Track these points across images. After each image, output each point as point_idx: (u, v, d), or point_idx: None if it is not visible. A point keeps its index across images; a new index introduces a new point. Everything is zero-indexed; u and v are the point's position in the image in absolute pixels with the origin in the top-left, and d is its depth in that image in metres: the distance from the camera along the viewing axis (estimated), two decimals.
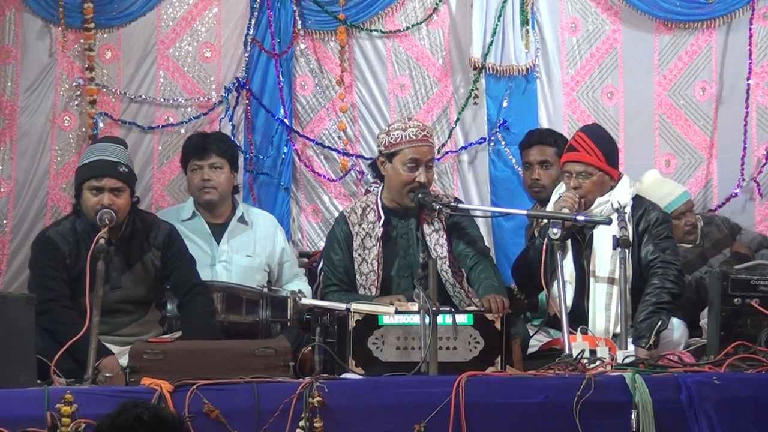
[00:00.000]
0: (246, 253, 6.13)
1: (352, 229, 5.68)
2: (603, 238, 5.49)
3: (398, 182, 5.60)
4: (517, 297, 6.16)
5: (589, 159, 5.62)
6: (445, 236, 5.62)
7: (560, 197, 5.60)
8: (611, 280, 5.50)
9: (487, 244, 6.00)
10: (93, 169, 5.21)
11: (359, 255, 5.64)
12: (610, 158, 5.68)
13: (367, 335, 4.96)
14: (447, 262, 5.58)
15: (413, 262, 5.53)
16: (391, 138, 5.61)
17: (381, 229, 5.64)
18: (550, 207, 5.74)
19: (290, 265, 6.27)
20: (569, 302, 5.53)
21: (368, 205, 5.71)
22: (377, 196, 5.73)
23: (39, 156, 6.80)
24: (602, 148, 5.65)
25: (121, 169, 5.21)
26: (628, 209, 5.61)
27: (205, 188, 6.11)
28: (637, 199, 5.70)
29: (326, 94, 7.14)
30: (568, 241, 5.63)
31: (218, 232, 6.15)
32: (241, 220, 6.18)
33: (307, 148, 7.15)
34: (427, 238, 5.61)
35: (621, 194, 5.62)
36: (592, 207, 5.59)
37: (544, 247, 5.33)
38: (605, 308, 5.53)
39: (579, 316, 5.51)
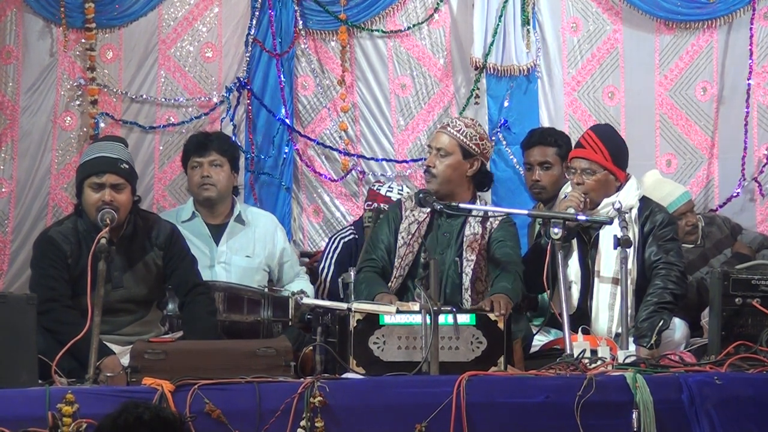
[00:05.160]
0: (245, 253, 6.12)
1: (404, 213, 5.73)
2: (608, 239, 5.48)
3: None
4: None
5: (595, 157, 5.63)
6: (480, 242, 5.61)
7: (566, 196, 5.61)
8: (615, 281, 5.50)
9: None
10: (94, 166, 5.22)
11: (402, 237, 5.67)
12: (617, 159, 5.68)
13: (368, 335, 4.96)
14: (471, 266, 5.57)
15: (444, 260, 5.54)
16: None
17: (427, 216, 5.65)
18: (555, 206, 5.75)
19: (291, 265, 6.27)
20: (575, 302, 5.55)
21: None
22: None
23: (40, 156, 6.80)
24: (609, 147, 5.66)
25: (122, 166, 5.22)
26: (634, 210, 5.62)
27: (204, 185, 6.11)
28: (644, 201, 5.71)
29: (327, 94, 7.14)
30: (574, 241, 5.64)
31: (217, 233, 6.14)
32: (239, 219, 6.17)
33: (308, 148, 7.15)
34: (465, 239, 5.62)
35: (628, 195, 5.63)
36: (599, 207, 5.60)
37: (548, 247, 5.33)
38: (609, 308, 5.54)
39: (582, 316, 5.52)
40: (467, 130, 5.68)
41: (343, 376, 4.85)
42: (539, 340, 5.65)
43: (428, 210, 5.65)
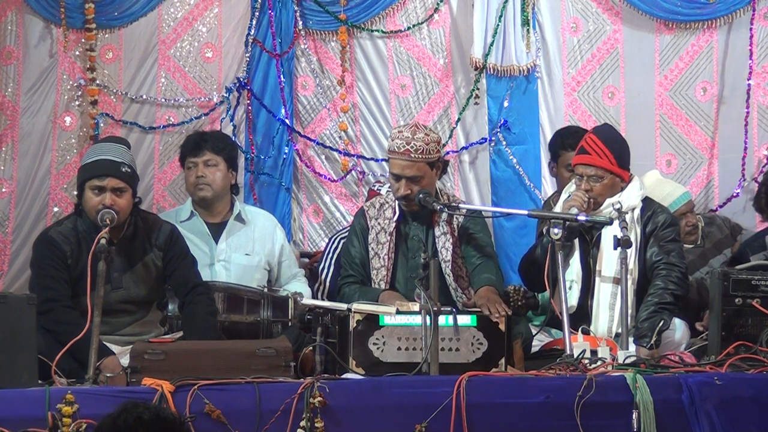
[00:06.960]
0: (245, 251, 6.13)
1: (369, 222, 5.75)
2: (610, 238, 5.46)
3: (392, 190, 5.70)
4: (513, 299, 6.15)
5: (600, 162, 5.61)
6: (451, 240, 5.62)
7: (569, 196, 5.61)
8: (616, 280, 5.50)
9: None
10: (95, 169, 5.22)
11: (372, 249, 5.69)
12: (621, 161, 5.66)
13: (368, 335, 4.96)
14: (450, 266, 5.59)
15: (420, 264, 5.54)
16: (388, 144, 5.73)
17: (394, 225, 5.65)
18: (558, 206, 5.75)
19: (288, 264, 6.27)
20: (575, 301, 5.56)
21: (387, 201, 5.76)
22: None
23: (40, 156, 6.80)
24: (614, 150, 5.63)
25: (123, 169, 5.22)
26: (637, 211, 5.62)
27: (199, 185, 6.13)
28: (647, 201, 5.71)
29: (327, 95, 7.14)
30: (576, 241, 5.64)
31: (216, 231, 6.16)
32: (239, 218, 6.19)
33: (308, 149, 7.15)
34: (437, 240, 5.63)
35: (630, 196, 5.62)
36: (602, 207, 5.60)
37: (549, 247, 5.33)
38: (609, 308, 5.54)
39: (583, 316, 5.52)
40: (428, 147, 5.60)
41: (343, 376, 4.85)
42: (539, 340, 5.65)
43: (394, 217, 5.66)
